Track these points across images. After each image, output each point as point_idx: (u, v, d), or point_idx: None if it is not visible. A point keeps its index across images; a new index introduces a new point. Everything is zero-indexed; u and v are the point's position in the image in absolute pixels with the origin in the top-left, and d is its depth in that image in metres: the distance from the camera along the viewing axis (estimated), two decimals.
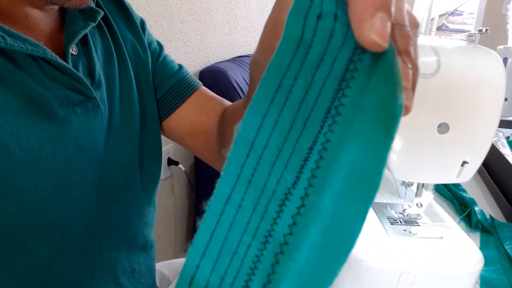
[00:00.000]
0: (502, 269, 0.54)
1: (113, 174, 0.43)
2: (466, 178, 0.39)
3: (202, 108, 0.54)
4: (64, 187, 0.37)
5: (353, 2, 0.16)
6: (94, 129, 0.41)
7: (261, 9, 2.16)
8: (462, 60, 0.36)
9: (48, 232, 0.37)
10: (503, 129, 1.10)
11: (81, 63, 0.41)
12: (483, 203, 0.76)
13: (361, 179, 0.15)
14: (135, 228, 0.49)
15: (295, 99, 0.17)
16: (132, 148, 0.47)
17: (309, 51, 0.17)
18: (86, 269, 0.42)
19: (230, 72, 1.61)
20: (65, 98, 0.38)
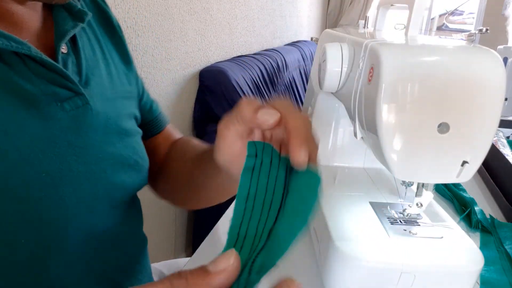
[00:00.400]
0: (502, 269, 0.54)
1: (107, 171, 0.44)
2: (466, 178, 0.39)
3: (159, 146, 0.60)
4: (55, 183, 0.37)
5: (291, 140, 0.31)
6: (85, 125, 0.41)
7: (261, 9, 2.16)
8: (462, 60, 0.36)
9: (40, 229, 0.37)
10: (503, 129, 1.10)
11: (70, 61, 0.42)
12: (483, 203, 0.76)
13: (296, 226, 0.29)
14: (127, 225, 0.50)
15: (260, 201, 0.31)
16: (128, 146, 0.48)
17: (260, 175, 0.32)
18: (80, 267, 0.43)
19: (230, 72, 1.61)
20: (52, 94, 0.38)
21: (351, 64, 0.47)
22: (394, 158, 0.38)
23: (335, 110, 0.62)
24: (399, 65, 0.36)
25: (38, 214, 0.36)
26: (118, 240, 0.48)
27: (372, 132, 0.39)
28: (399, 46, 0.39)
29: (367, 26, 0.61)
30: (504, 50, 1.37)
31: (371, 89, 0.38)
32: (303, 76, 2.43)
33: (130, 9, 1.15)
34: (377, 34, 0.52)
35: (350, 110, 0.46)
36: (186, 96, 1.55)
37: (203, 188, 0.54)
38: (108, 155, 0.44)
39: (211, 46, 1.68)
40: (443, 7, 4.20)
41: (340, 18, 3.62)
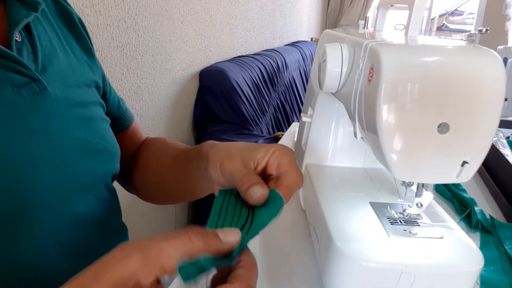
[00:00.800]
0: (502, 269, 0.54)
1: (73, 156, 0.44)
2: (466, 178, 0.39)
3: (129, 141, 0.63)
4: (17, 167, 0.38)
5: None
6: (45, 110, 0.42)
7: (261, 9, 2.16)
8: (462, 60, 0.36)
9: (8, 213, 0.37)
10: (503, 129, 1.11)
11: (25, 49, 0.42)
12: (483, 203, 0.76)
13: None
14: (101, 212, 0.50)
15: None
16: (94, 132, 0.48)
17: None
18: (52, 252, 0.42)
19: (230, 72, 1.61)
20: (6, 79, 0.39)
21: (351, 64, 0.47)
22: (394, 158, 0.38)
23: (335, 110, 0.62)
24: (399, 65, 0.36)
25: (5, 197, 0.37)
26: (92, 227, 0.48)
27: (372, 132, 0.39)
28: (399, 46, 0.39)
29: (367, 26, 0.61)
30: (504, 50, 1.37)
31: (371, 89, 0.38)
32: (303, 76, 2.43)
33: (130, 9, 1.15)
34: (377, 34, 0.52)
35: (350, 110, 0.46)
36: (186, 96, 1.55)
37: (179, 183, 0.55)
38: (72, 140, 0.44)
39: (211, 46, 1.68)
40: (443, 7, 4.20)
41: (340, 18, 3.63)
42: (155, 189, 0.60)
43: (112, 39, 1.09)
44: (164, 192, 0.60)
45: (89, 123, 0.48)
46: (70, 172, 0.43)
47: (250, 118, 1.65)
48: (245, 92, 1.66)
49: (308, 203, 0.62)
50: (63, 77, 0.46)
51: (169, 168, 0.57)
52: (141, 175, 0.60)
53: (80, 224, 0.46)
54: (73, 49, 0.51)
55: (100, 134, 0.49)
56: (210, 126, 1.60)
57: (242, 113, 1.62)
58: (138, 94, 1.25)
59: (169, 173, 0.56)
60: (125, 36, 1.14)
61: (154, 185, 0.60)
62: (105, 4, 1.04)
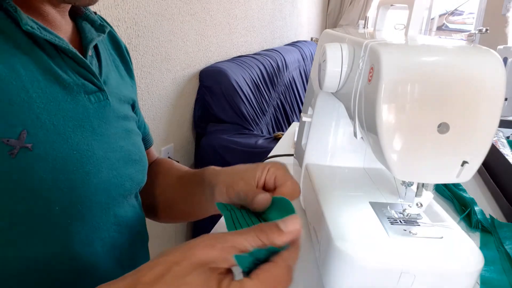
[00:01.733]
0: (502, 269, 0.54)
1: (120, 162, 0.49)
2: (466, 178, 0.39)
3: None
4: (83, 161, 0.43)
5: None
6: (104, 117, 0.47)
7: (261, 9, 2.16)
8: (462, 60, 0.36)
9: (68, 204, 0.42)
10: (503, 129, 1.11)
11: (94, 63, 0.49)
12: (483, 203, 0.76)
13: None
14: (134, 217, 0.54)
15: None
16: (134, 144, 0.54)
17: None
18: (99, 247, 0.47)
19: (230, 72, 1.61)
20: (81, 85, 0.45)
21: (351, 64, 0.47)
22: (394, 158, 0.38)
23: (335, 110, 0.62)
24: (399, 65, 0.36)
25: (69, 184, 0.41)
26: (125, 231, 0.52)
27: (372, 132, 0.39)
28: (399, 46, 0.39)
29: (367, 26, 0.61)
30: (504, 50, 1.37)
31: (371, 89, 0.38)
32: (303, 76, 2.43)
33: (130, 9, 1.15)
34: (377, 34, 0.52)
35: (350, 110, 0.46)
36: (186, 96, 1.55)
37: (181, 203, 0.60)
38: (120, 148, 0.50)
39: (211, 46, 1.68)
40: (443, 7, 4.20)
41: (340, 18, 3.63)
42: (159, 205, 0.64)
43: None
44: (167, 209, 0.63)
45: (131, 135, 0.53)
46: (117, 175, 0.48)
47: (250, 118, 1.65)
48: (245, 92, 1.66)
49: (308, 203, 0.62)
50: (115, 92, 0.52)
51: (172, 188, 0.62)
52: (148, 191, 0.63)
53: (118, 225, 0.50)
54: (120, 71, 0.58)
55: (138, 146, 0.55)
56: (210, 126, 1.60)
57: (242, 113, 1.61)
58: (138, 94, 1.25)
59: (173, 192, 0.61)
60: (125, 35, 1.14)
61: (158, 201, 0.63)
62: (105, 4, 1.04)
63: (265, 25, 2.26)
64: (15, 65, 0.39)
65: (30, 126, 0.38)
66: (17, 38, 0.40)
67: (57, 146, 0.40)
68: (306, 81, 2.41)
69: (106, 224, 0.48)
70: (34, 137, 0.38)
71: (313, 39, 3.25)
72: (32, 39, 0.41)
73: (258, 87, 1.81)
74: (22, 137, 0.38)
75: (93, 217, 0.45)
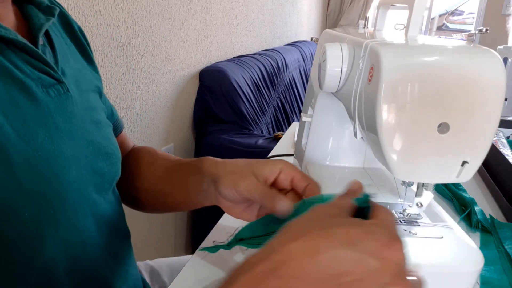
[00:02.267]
0: (502, 269, 0.54)
1: (89, 157, 0.46)
2: (466, 178, 0.39)
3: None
4: (49, 163, 0.39)
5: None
6: (67, 112, 0.43)
7: (261, 9, 2.16)
8: (462, 60, 0.36)
9: (38, 208, 0.38)
10: (503, 129, 1.10)
11: (48, 52, 0.44)
12: (483, 203, 0.76)
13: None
14: (110, 213, 0.51)
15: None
16: (104, 136, 0.50)
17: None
18: (80, 250, 0.44)
19: (230, 72, 1.61)
20: (37, 79, 0.40)
21: (351, 64, 0.47)
22: (394, 158, 0.38)
23: (335, 110, 0.62)
24: (399, 65, 0.36)
25: (37, 190, 0.38)
26: (105, 229, 0.49)
27: (372, 132, 0.39)
28: (399, 46, 0.39)
29: (367, 26, 0.61)
30: (504, 50, 1.37)
31: (371, 89, 0.38)
32: (303, 76, 2.43)
33: (130, 9, 1.15)
34: (377, 34, 0.52)
35: (350, 110, 0.46)
36: (186, 96, 1.55)
37: (173, 194, 0.57)
38: (88, 142, 0.46)
39: (211, 46, 1.68)
40: (443, 7, 4.20)
41: (340, 18, 3.62)
42: (148, 199, 0.61)
43: (112, 39, 1.09)
44: (157, 202, 0.61)
45: (100, 127, 0.49)
46: (86, 171, 0.45)
47: (250, 118, 1.65)
48: (245, 92, 1.66)
49: None
50: (76, 82, 0.47)
51: (162, 179, 0.58)
52: (132, 184, 0.61)
53: (96, 225, 0.47)
54: (77, 58, 0.53)
55: (108, 138, 0.51)
56: (210, 126, 1.60)
57: (242, 113, 1.61)
58: (138, 94, 1.25)
59: (163, 184, 0.58)
60: (125, 36, 1.14)
61: (146, 195, 0.61)
62: (105, 4, 1.04)
63: (265, 25, 2.26)
64: None
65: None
66: None
67: (18, 149, 0.36)
68: (306, 81, 2.41)
69: (84, 225, 0.44)
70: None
71: (313, 39, 3.25)
72: None
73: (258, 87, 1.81)
74: None
75: (68, 220, 0.42)
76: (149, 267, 0.73)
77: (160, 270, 0.73)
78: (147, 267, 0.73)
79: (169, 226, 1.52)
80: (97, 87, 0.54)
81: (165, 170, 0.58)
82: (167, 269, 0.73)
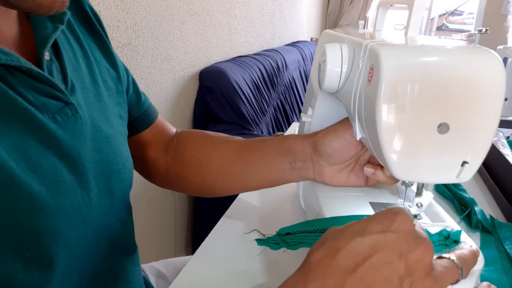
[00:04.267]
0: (502, 269, 0.54)
1: (97, 179, 0.43)
2: (466, 178, 0.39)
3: (158, 135, 0.62)
4: (53, 196, 0.36)
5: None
6: (75, 135, 0.40)
7: (261, 9, 2.16)
8: (462, 60, 0.36)
9: (43, 241, 0.36)
10: (503, 129, 1.10)
11: (54, 68, 0.40)
12: (483, 203, 0.76)
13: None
14: (119, 234, 0.49)
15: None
16: (115, 151, 0.47)
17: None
18: (76, 280, 0.42)
19: (230, 72, 1.61)
20: (41, 105, 0.37)
21: (351, 64, 0.47)
22: (394, 158, 0.38)
23: (335, 110, 0.62)
24: (399, 65, 0.36)
25: (41, 225, 0.35)
26: (111, 248, 0.47)
27: (372, 132, 0.39)
28: (399, 46, 0.39)
29: (367, 26, 0.61)
30: (504, 50, 1.37)
31: (371, 89, 0.38)
32: (303, 76, 2.43)
33: (130, 9, 1.15)
34: (377, 34, 0.52)
35: (350, 110, 0.46)
36: (186, 96, 1.55)
37: (246, 175, 0.58)
38: (97, 163, 0.43)
39: (211, 47, 1.68)
40: (443, 7, 4.20)
41: (340, 18, 3.62)
42: (217, 182, 0.60)
43: (112, 39, 1.09)
44: (228, 184, 0.60)
45: (110, 141, 0.46)
46: (93, 195, 0.42)
47: (250, 118, 1.65)
48: (245, 92, 1.66)
49: (308, 203, 0.62)
50: (87, 94, 0.44)
51: (233, 161, 0.58)
52: (197, 170, 0.60)
53: (102, 248, 0.45)
54: (94, 53, 0.49)
55: (119, 152, 0.47)
56: (210, 126, 1.60)
57: (242, 113, 1.61)
58: None
59: (235, 166, 0.58)
60: (125, 36, 1.14)
61: (215, 179, 0.60)
62: (105, 4, 1.04)
63: (265, 25, 2.26)
64: None
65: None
66: None
67: (21, 184, 0.33)
68: (306, 81, 2.41)
69: (88, 253, 0.42)
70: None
71: (313, 39, 3.25)
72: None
73: (258, 87, 1.81)
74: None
75: (72, 249, 0.39)
76: (155, 270, 0.73)
77: (166, 271, 0.73)
78: (152, 270, 0.73)
79: (169, 226, 1.52)
80: (112, 89, 0.50)
81: (234, 152, 0.59)
82: (173, 270, 0.73)
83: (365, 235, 0.31)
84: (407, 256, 0.30)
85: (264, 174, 0.57)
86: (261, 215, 0.66)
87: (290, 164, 0.56)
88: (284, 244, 0.45)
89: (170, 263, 0.76)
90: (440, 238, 0.41)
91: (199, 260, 0.55)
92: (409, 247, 0.31)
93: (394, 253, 0.30)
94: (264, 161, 0.56)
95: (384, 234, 0.31)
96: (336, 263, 0.30)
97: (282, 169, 0.56)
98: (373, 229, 0.31)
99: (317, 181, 0.57)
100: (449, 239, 0.40)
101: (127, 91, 0.56)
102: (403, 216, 0.32)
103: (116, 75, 0.52)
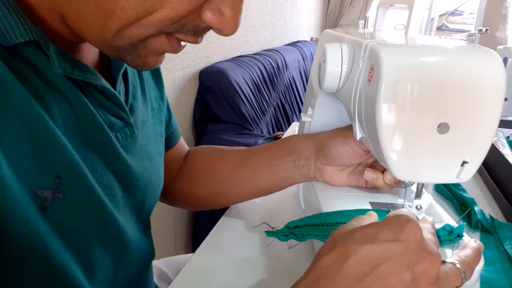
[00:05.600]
0: (502, 269, 0.54)
1: (137, 196, 0.46)
2: (466, 178, 0.39)
3: (176, 155, 0.63)
4: (107, 206, 0.39)
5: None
6: (132, 154, 0.43)
7: (261, 9, 2.16)
8: (462, 60, 0.36)
9: (101, 253, 0.39)
10: (503, 129, 1.10)
11: (122, 90, 0.43)
12: (483, 203, 0.76)
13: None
14: (145, 248, 0.51)
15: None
16: (155, 170, 0.49)
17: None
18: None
19: (230, 72, 1.60)
20: (109, 123, 0.39)
21: (351, 64, 0.47)
22: (394, 158, 0.38)
23: (335, 110, 0.62)
24: (399, 65, 0.36)
25: (91, 232, 0.38)
26: (140, 262, 0.49)
27: (372, 132, 0.39)
28: (399, 46, 0.39)
29: (367, 26, 0.61)
30: (504, 50, 1.37)
31: (371, 89, 0.38)
32: (303, 76, 2.43)
33: None
34: (377, 34, 0.52)
35: (350, 110, 0.46)
36: (186, 96, 1.55)
37: (253, 179, 0.59)
38: (141, 181, 0.45)
39: (211, 46, 1.68)
40: (443, 7, 4.20)
41: (340, 18, 3.62)
42: (221, 193, 0.61)
43: None
44: (236, 191, 0.61)
45: (153, 161, 0.49)
46: (134, 211, 0.45)
47: (250, 118, 1.65)
48: (245, 92, 1.66)
49: (308, 203, 0.62)
50: (139, 111, 0.46)
51: (239, 167, 0.59)
52: (198, 183, 0.61)
53: (135, 261, 0.47)
54: (146, 73, 0.51)
55: (157, 172, 0.50)
56: (210, 126, 1.60)
57: (242, 113, 1.61)
58: None
59: (242, 171, 0.59)
60: None
61: (220, 190, 0.61)
62: None
63: (265, 25, 2.26)
64: (51, 105, 0.33)
65: (62, 172, 0.33)
66: (53, 75, 0.34)
67: (87, 192, 0.36)
68: (306, 81, 2.41)
69: (127, 264, 0.45)
70: (66, 184, 0.34)
71: (313, 39, 3.25)
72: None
73: (258, 87, 1.81)
74: (55, 185, 0.33)
75: (116, 261, 0.42)
76: (157, 269, 0.73)
77: (168, 270, 0.73)
78: (154, 269, 0.73)
79: (169, 226, 1.52)
80: (158, 109, 0.52)
81: (240, 158, 0.59)
82: (175, 268, 0.73)
83: (375, 242, 0.31)
84: (414, 267, 0.31)
85: (268, 178, 0.58)
86: (261, 215, 0.66)
87: (294, 162, 0.56)
88: (292, 236, 0.45)
89: (171, 262, 0.76)
90: (445, 233, 0.41)
91: (199, 260, 0.55)
92: (416, 258, 0.31)
93: (402, 263, 0.31)
94: (269, 163, 0.57)
95: (393, 243, 0.31)
96: (345, 270, 0.31)
97: (285, 168, 0.57)
98: (383, 236, 0.32)
99: (318, 179, 0.57)
100: (452, 234, 0.40)
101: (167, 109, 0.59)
102: (413, 225, 0.32)
103: (160, 94, 0.55)
